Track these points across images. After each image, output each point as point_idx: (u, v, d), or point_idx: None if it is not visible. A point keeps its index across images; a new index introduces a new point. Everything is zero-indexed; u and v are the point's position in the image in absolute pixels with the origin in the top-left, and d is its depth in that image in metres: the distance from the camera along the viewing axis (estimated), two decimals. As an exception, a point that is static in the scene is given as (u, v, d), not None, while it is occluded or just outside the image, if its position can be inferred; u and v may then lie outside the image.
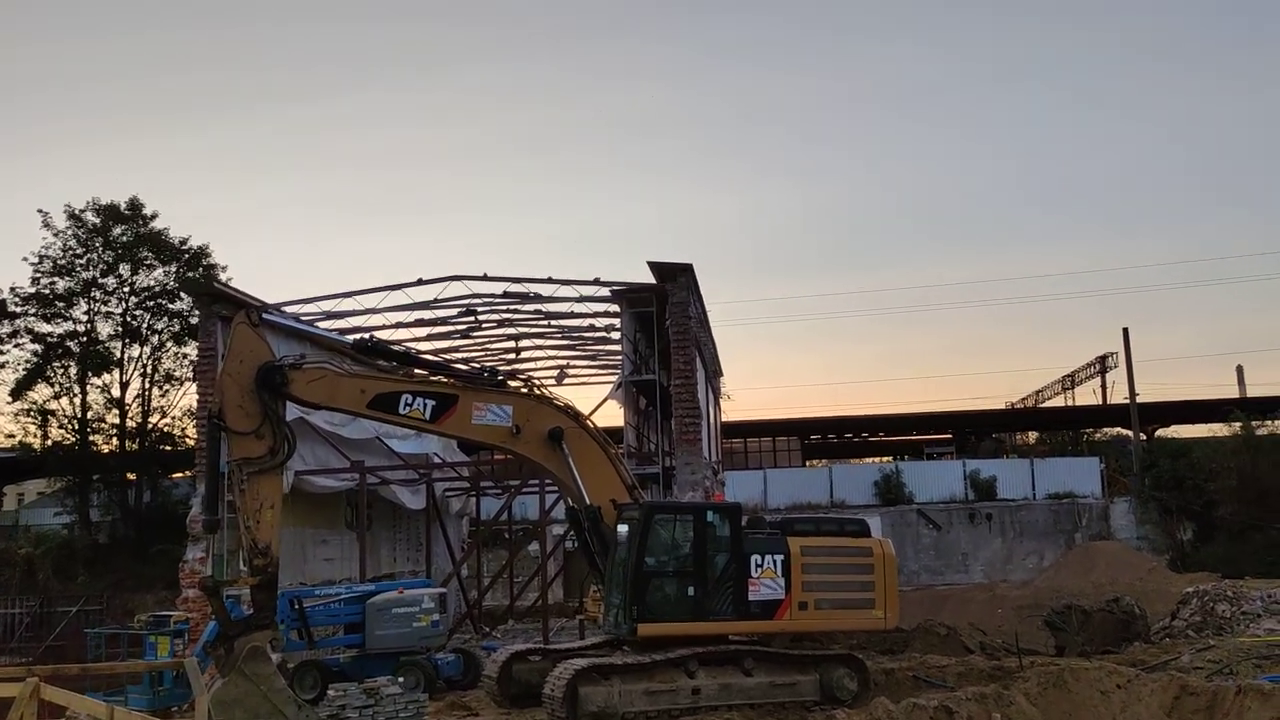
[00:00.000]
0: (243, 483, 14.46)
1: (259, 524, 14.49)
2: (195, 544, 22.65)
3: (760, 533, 16.22)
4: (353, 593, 19.55)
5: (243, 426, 14.59)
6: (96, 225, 42.06)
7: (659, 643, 15.21)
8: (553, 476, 16.70)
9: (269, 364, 14.90)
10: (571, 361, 33.59)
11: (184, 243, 43.16)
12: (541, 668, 16.60)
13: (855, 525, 16.80)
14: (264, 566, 14.49)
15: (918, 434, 55.83)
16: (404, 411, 15.64)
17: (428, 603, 19.50)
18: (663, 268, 22.82)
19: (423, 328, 27.95)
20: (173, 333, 42.96)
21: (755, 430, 51.53)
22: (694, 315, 23.59)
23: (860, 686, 15.76)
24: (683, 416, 22.55)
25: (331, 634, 19.44)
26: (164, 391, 43.28)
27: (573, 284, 24.57)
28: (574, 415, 16.59)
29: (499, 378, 16.57)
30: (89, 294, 42.07)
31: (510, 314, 27.77)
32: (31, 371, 41.77)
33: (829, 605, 15.83)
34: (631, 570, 15.21)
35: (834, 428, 56.03)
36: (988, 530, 40.83)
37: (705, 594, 15.45)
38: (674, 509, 17.18)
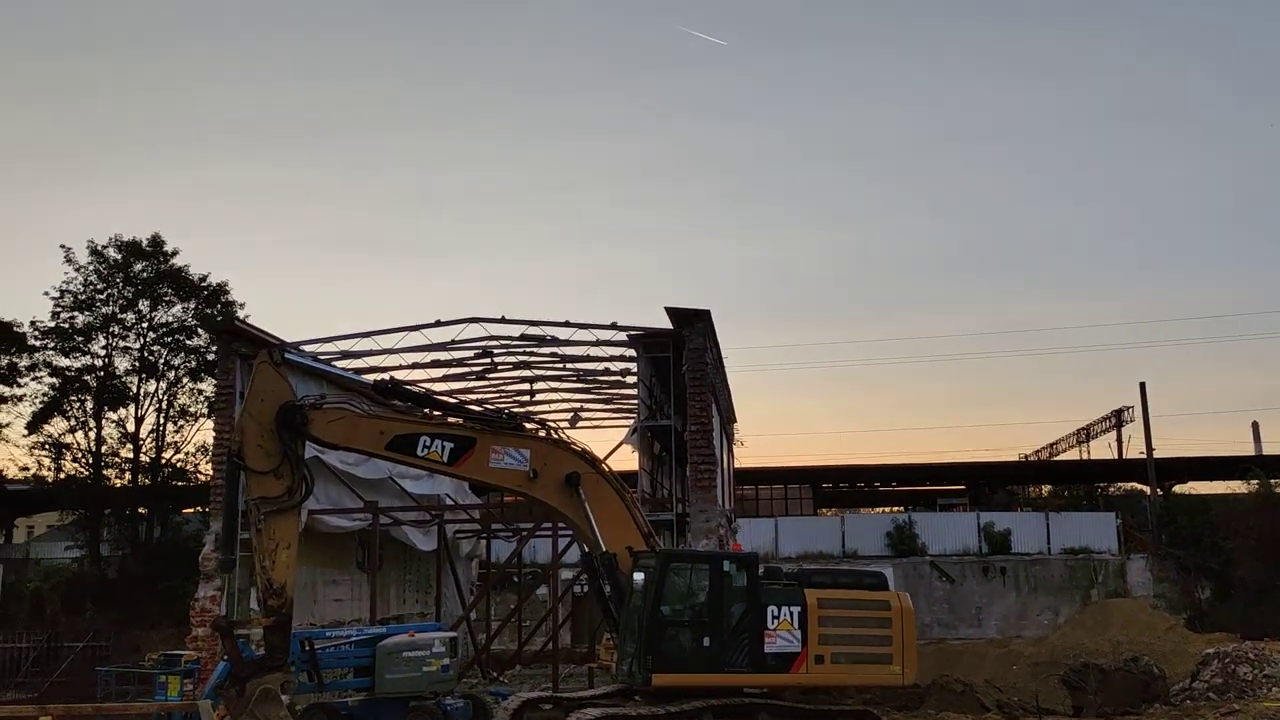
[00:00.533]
0: (260, 522, 14.49)
1: (275, 564, 14.49)
2: (207, 582, 22.54)
3: (777, 583, 16.06)
4: (363, 635, 19.36)
5: (262, 465, 14.64)
6: (118, 261, 42.43)
7: (673, 693, 15.03)
8: (568, 522, 16.62)
9: (290, 403, 14.97)
10: (585, 405, 33.55)
11: (203, 280, 43.48)
12: (553, 716, 16.43)
13: (873, 578, 16.62)
14: (278, 607, 14.47)
15: (930, 484, 55.48)
16: (422, 453, 15.66)
17: (438, 647, 19.26)
18: (680, 313, 22.85)
19: (439, 369, 28.00)
20: (189, 369, 43.16)
21: (767, 478, 51.29)
22: (710, 361, 23.58)
23: (875, 742, 15.53)
24: (698, 463, 22.46)
25: (341, 676, 19.27)
26: (178, 427, 43.39)
27: (590, 328, 24.61)
28: (591, 460, 16.56)
29: (516, 421, 16.55)
30: (108, 329, 42.35)
31: (526, 356, 27.80)
32: (48, 404, 41.95)
33: (846, 659, 15.61)
34: (647, 619, 15.07)
35: (846, 476, 55.72)
36: (1002, 584, 40.38)
37: (721, 645, 15.27)
38: (690, 557, 17.06)
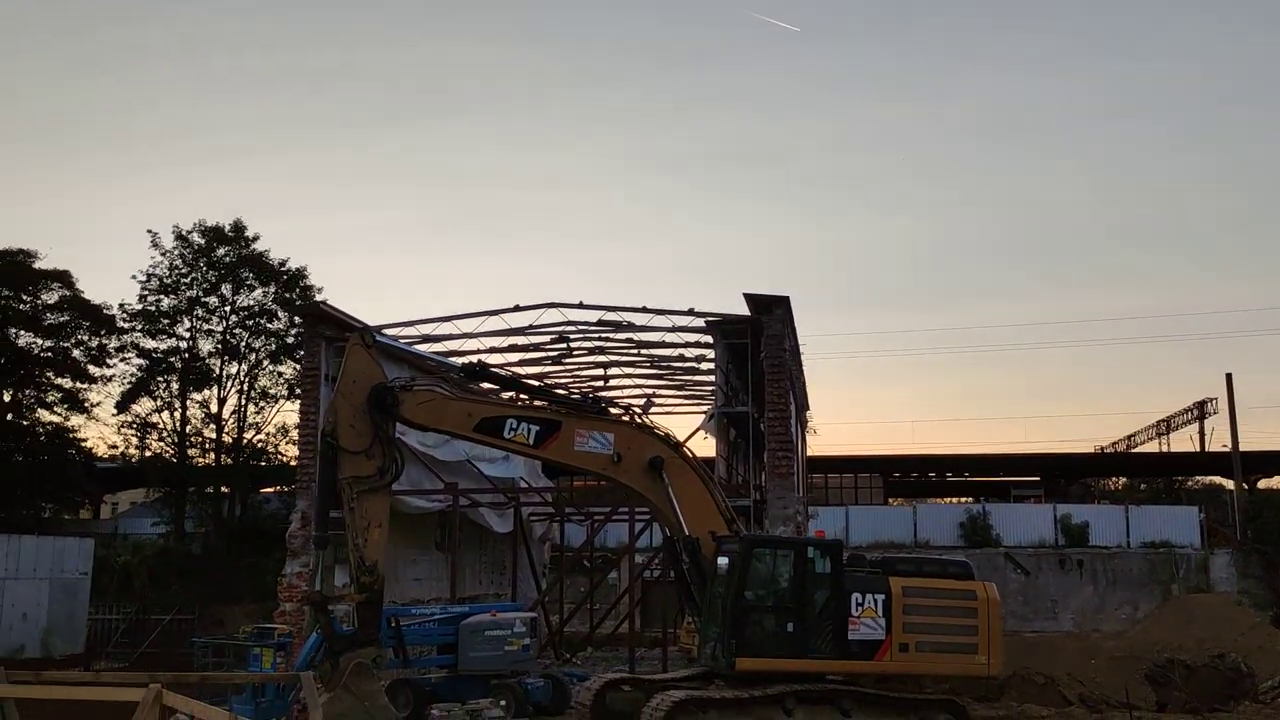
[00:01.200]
0: (352, 501, 14.77)
1: (367, 542, 14.78)
2: (294, 559, 23.12)
3: (861, 570, 16.01)
4: (447, 614, 19.76)
5: (354, 445, 14.92)
6: (201, 246, 43.51)
7: (756, 677, 15.08)
8: (651, 505, 16.72)
9: (381, 385, 15.24)
10: (658, 391, 33.66)
11: (283, 264, 44.43)
12: (634, 697, 16.54)
13: (959, 568, 16.47)
14: (370, 584, 14.76)
15: (1004, 475, 54.67)
16: (509, 436, 15.85)
17: (519, 627, 19.63)
18: (759, 299, 22.81)
19: (516, 353, 28.29)
20: (269, 351, 44.20)
21: (837, 466, 50.98)
22: (788, 348, 23.51)
23: (960, 733, 15.43)
24: (775, 450, 22.44)
25: (425, 653, 19.69)
26: (259, 408, 44.49)
27: (667, 314, 24.69)
28: (674, 445, 16.64)
29: (601, 405, 16.69)
30: (192, 312, 43.51)
31: (602, 341, 27.97)
32: (136, 385, 43.24)
33: (930, 648, 15.53)
34: (731, 603, 15.13)
35: (918, 466, 55.16)
36: (1078, 577, 39.72)
37: (804, 630, 15.29)
38: (774, 543, 17.06)
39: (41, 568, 35.22)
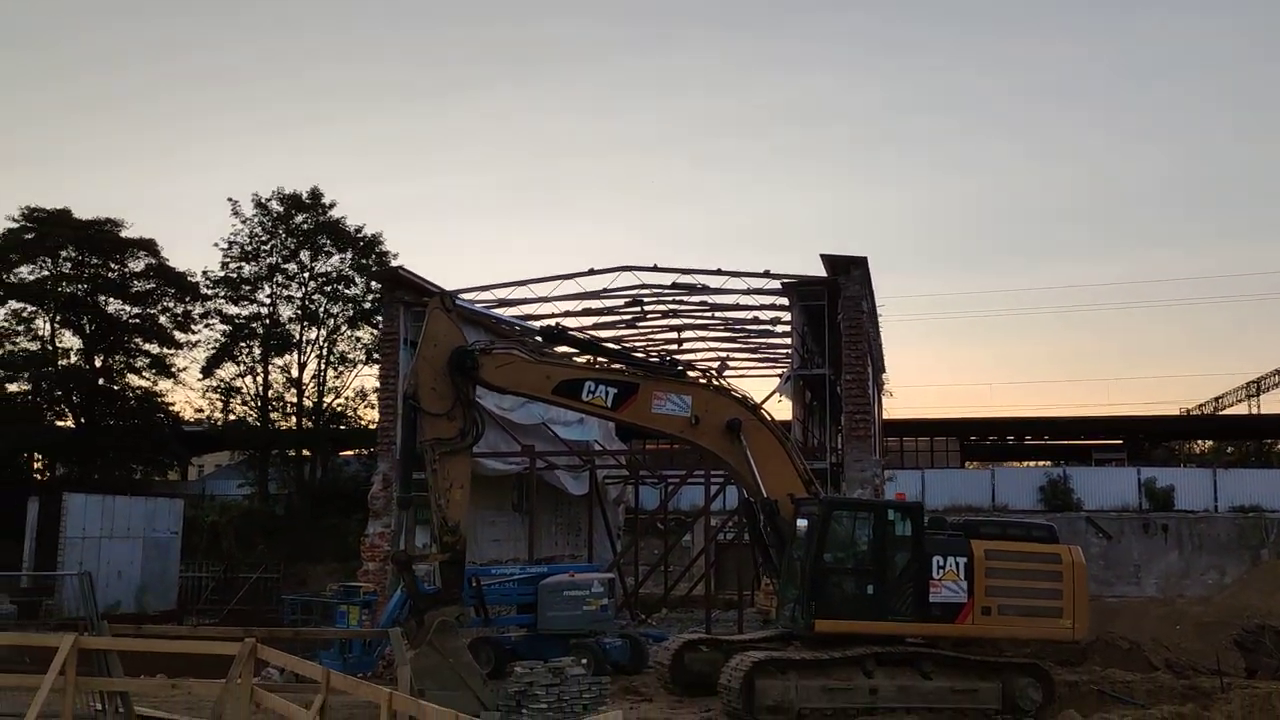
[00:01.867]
0: (434, 462, 15.00)
1: (449, 503, 15.03)
2: (376, 520, 23.59)
3: (942, 533, 15.86)
4: (526, 574, 20.03)
5: (436, 408, 15.14)
6: (280, 214, 44.30)
7: (835, 639, 15.06)
8: (728, 468, 16.73)
9: (461, 348, 15.41)
10: (732, 354, 33.52)
11: (359, 231, 45.06)
12: (712, 658, 16.70)
13: (1042, 531, 16.25)
14: (453, 544, 15.02)
15: (1085, 438, 53.48)
16: (586, 398, 15.94)
17: (597, 587, 19.82)
18: (836, 260, 22.52)
19: (590, 316, 28.36)
20: (347, 317, 44.99)
21: (913, 429, 50.35)
22: (866, 310, 23.20)
23: (1045, 698, 15.27)
24: (853, 413, 22.23)
25: (505, 612, 20.00)
26: (338, 373, 45.36)
27: (742, 276, 24.52)
28: (752, 408, 16.59)
29: (679, 368, 16.67)
30: (272, 278, 44.41)
31: (676, 305, 27.90)
32: (220, 350, 44.36)
33: (1014, 611, 15.37)
34: (810, 565, 15.10)
35: (995, 429, 54.22)
36: (1163, 542, 38.79)
37: (884, 593, 15.24)
38: (854, 506, 16.97)
39: (135, 527, 36.51)
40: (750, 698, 14.29)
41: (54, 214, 43.25)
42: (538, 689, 13.12)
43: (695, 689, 16.53)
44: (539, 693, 13.08)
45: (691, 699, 16.24)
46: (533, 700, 13.06)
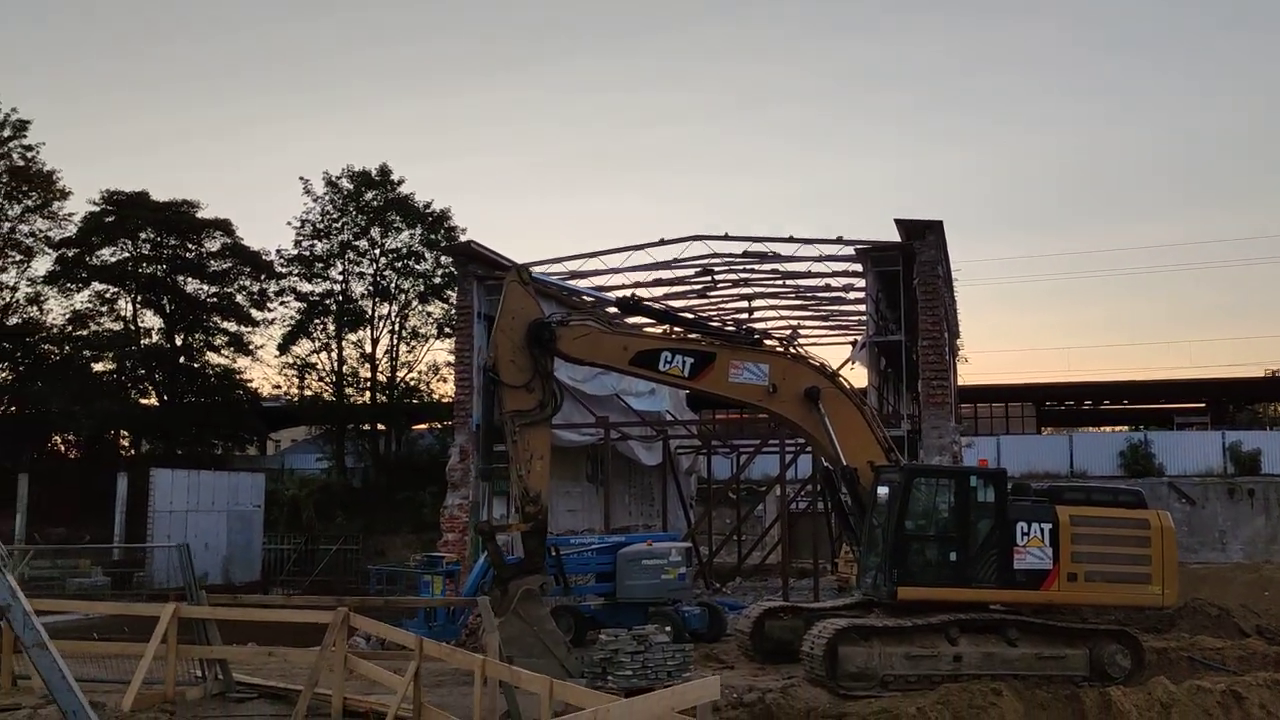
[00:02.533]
0: (514, 434, 15.15)
1: (530, 473, 15.18)
2: (454, 491, 23.96)
3: (1026, 500, 15.64)
4: (605, 543, 20.18)
5: (515, 380, 15.27)
6: (350, 191, 44.89)
7: (917, 607, 14.97)
8: (807, 436, 16.64)
9: (538, 320, 15.51)
10: (803, 322, 33.30)
11: (427, 206, 45.50)
12: (793, 625, 16.71)
13: (1130, 496, 15.93)
14: (535, 514, 15.19)
15: (1166, 402, 52.25)
16: (664, 368, 15.94)
17: (675, 556, 19.89)
18: (910, 225, 22.19)
19: (660, 287, 28.35)
20: (418, 292, 45.54)
21: (987, 395, 49.63)
22: (941, 274, 22.87)
23: (1134, 665, 15.03)
24: (930, 379, 21.98)
25: (584, 582, 20.18)
26: (410, 348, 46.02)
27: (815, 243, 24.31)
28: (830, 375, 16.46)
29: (755, 336, 16.60)
30: (344, 255, 45.08)
31: (747, 273, 27.76)
32: (295, 327, 45.23)
33: (1101, 578, 15.11)
34: (892, 533, 15.00)
35: (1072, 394, 53.22)
36: (1249, 507, 37.82)
37: (967, 560, 15.06)
38: (935, 473, 16.78)
39: (220, 501, 37.57)
40: (834, 665, 14.27)
41: (133, 197, 44.39)
42: (622, 656, 13.24)
43: (776, 656, 16.57)
44: (624, 659, 13.21)
45: (773, 666, 16.27)
46: (618, 667, 13.19)
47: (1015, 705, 13.96)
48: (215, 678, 13.24)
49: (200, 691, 12.96)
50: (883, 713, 13.48)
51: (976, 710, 13.69)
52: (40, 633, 6.98)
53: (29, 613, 6.90)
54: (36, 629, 6.94)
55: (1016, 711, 13.89)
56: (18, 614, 6.85)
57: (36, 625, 6.95)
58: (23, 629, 6.86)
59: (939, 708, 13.58)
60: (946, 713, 13.53)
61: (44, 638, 7.03)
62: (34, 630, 6.93)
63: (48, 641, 7.09)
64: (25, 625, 6.86)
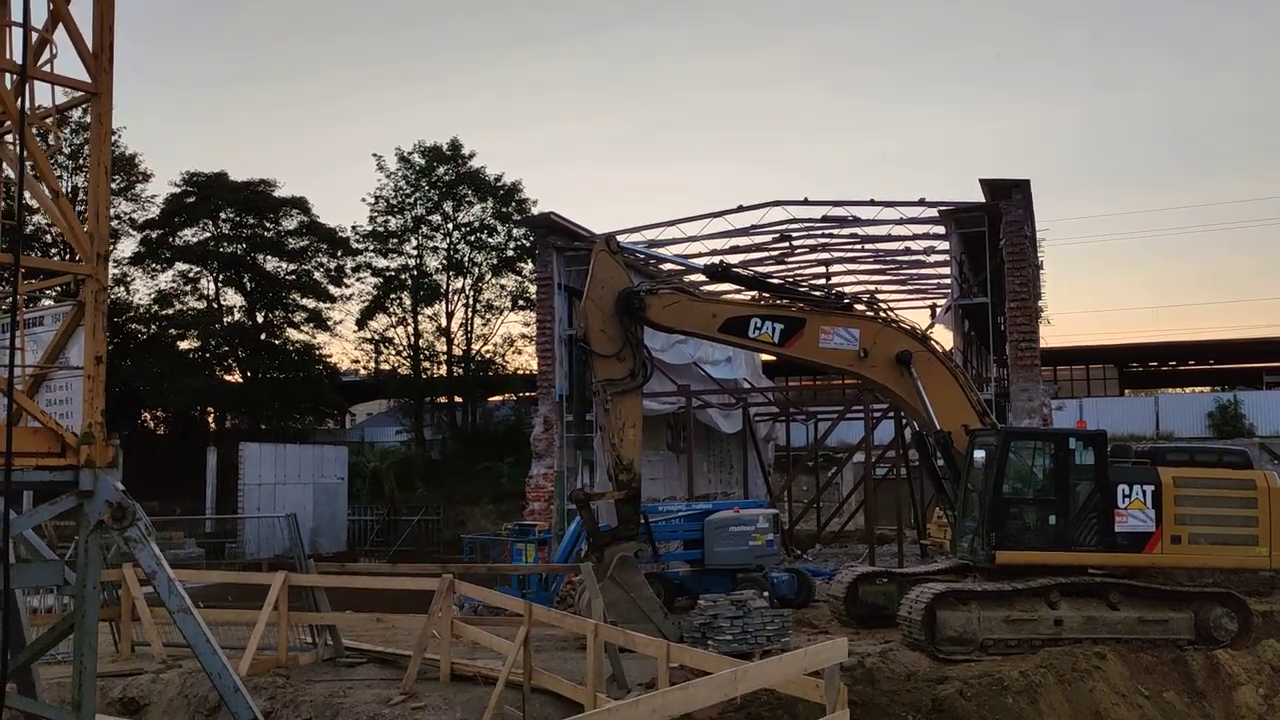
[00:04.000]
0: (607, 403, 15.27)
1: (623, 441, 15.30)
2: (539, 460, 24.20)
3: (1126, 461, 15.36)
4: (692, 510, 20.26)
5: (606, 349, 15.37)
6: (422, 166, 45.27)
7: (1016, 570, 14.83)
8: (899, 400, 16.51)
9: (628, 289, 15.56)
10: (880, 286, 32.92)
11: (498, 179, 45.70)
12: (887, 590, 16.70)
13: (1235, 456, 15.58)
14: (628, 481, 15.32)
15: (1254, 362, 50.73)
16: (753, 335, 15.92)
17: (762, 523, 19.88)
18: (996, 185, 21.75)
19: (738, 254, 28.20)
20: (491, 265, 45.88)
21: (1068, 358, 48.66)
22: (1029, 235, 22.42)
23: (1240, 628, 14.75)
24: (1018, 341, 21.60)
25: (671, 549, 20.31)
26: (485, 320, 46.42)
27: (896, 205, 23.98)
28: (922, 339, 16.30)
29: (845, 301, 16.48)
30: (418, 230, 45.54)
31: (826, 238, 27.50)
32: (372, 303, 45.89)
33: (1205, 540, 14.84)
34: (990, 496, 14.85)
35: (1156, 355, 51.90)
36: (1345, 468, 36.76)
37: (1067, 523, 14.88)
38: (1033, 435, 16.60)
39: (305, 474, 38.42)
40: (932, 629, 14.22)
41: (212, 178, 45.26)
42: (722, 621, 13.34)
43: (869, 621, 16.58)
44: (723, 625, 13.31)
45: (867, 631, 16.27)
46: (718, 632, 13.29)
47: (1120, 669, 13.82)
48: (325, 643, 13.61)
49: (312, 657, 13.33)
50: (984, 676, 13.40)
51: (1080, 674, 13.57)
52: (184, 598, 7.25)
53: (173, 579, 7.16)
54: (181, 595, 7.20)
55: (1121, 675, 13.74)
56: (163, 581, 7.12)
57: (181, 591, 7.21)
58: (168, 595, 7.13)
59: (1042, 671, 13.49)
60: (1050, 676, 13.44)
61: (188, 603, 7.30)
62: (179, 596, 7.19)
63: (191, 607, 7.36)
64: (170, 591, 7.12)
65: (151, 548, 7.09)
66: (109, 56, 7.42)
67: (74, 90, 7.40)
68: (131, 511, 7.03)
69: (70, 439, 6.95)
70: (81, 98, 7.43)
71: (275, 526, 35.96)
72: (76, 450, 6.94)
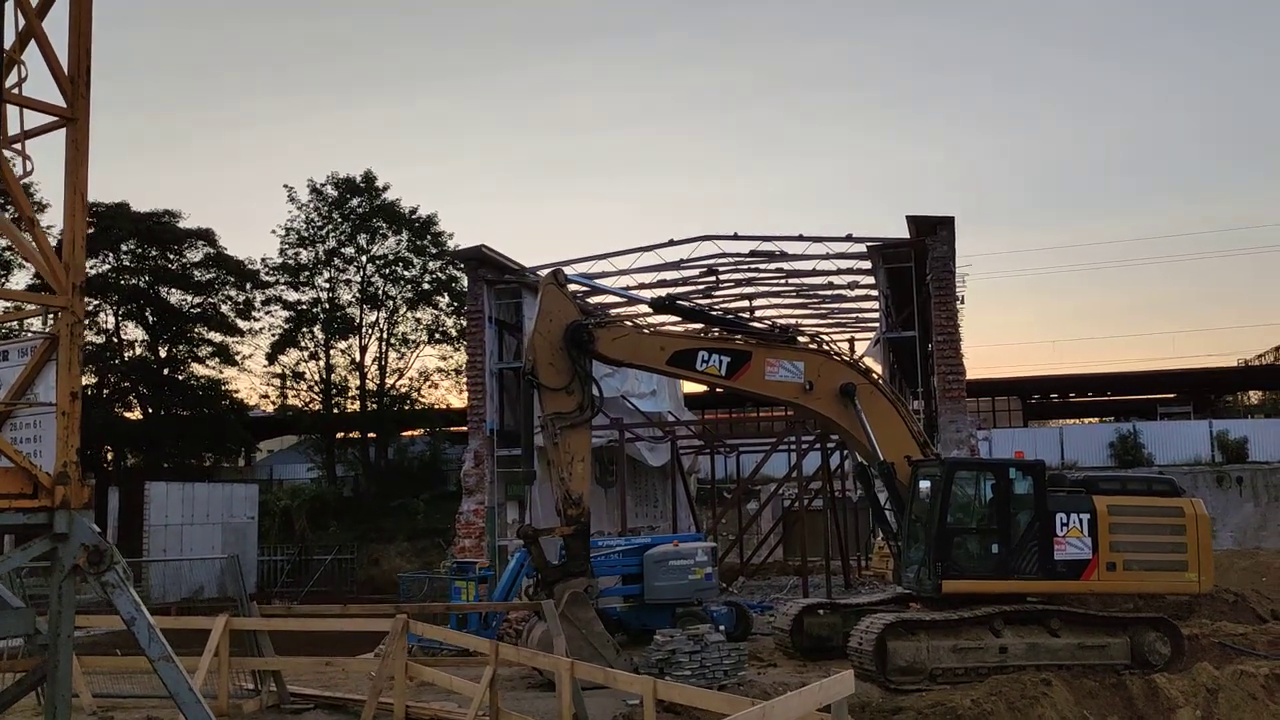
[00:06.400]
0: (555, 436, 15.12)
1: (572, 476, 15.17)
2: (469, 496, 23.81)
3: (1063, 490, 15.79)
4: (630, 545, 20.13)
5: (554, 383, 15.26)
6: (335, 198, 44.53)
7: (961, 599, 15.07)
8: (843, 432, 16.72)
9: (576, 323, 15.49)
10: (802, 320, 33.43)
11: (413, 212, 45.20)
12: (831, 622, 16.81)
13: (1163, 484, 16.15)
14: (577, 516, 15.18)
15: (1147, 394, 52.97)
16: (700, 368, 15.98)
17: (701, 556, 19.84)
18: (921, 221, 22.37)
19: (664, 288, 28.36)
20: (406, 298, 45.22)
21: (974, 390, 49.99)
22: (953, 270, 23.07)
23: (1173, 651, 15.22)
24: (946, 374, 22.15)
25: (609, 584, 20.10)
26: (400, 354, 45.66)
27: (823, 240, 24.42)
28: (864, 372, 16.57)
29: (790, 334, 16.67)
30: (331, 263, 44.69)
31: (752, 272, 27.84)
32: (283, 337, 44.76)
33: (1139, 566, 15.31)
34: (935, 527, 15.09)
35: (1057, 387, 53.76)
36: (1238, 494, 38.42)
37: (1009, 552, 15.19)
38: (975, 465, 16.96)
39: (214, 513, 37.14)
40: (883, 659, 14.34)
41: (113, 208, 43.70)
42: (680, 655, 13.26)
43: (813, 653, 16.65)
44: (682, 659, 13.22)
45: (813, 663, 16.33)
46: (676, 667, 13.19)
47: (1065, 695, 14.08)
48: (269, 689, 13.09)
49: (256, 704, 12.81)
50: (937, 705, 13.52)
51: (1029, 700, 13.79)
52: (165, 646, 6.87)
53: (153, 626, 6.79)
54: (162, 642, 6.83)
55: (1067, 701, 14.00)
56: (142, 628, 6.74)
57: (161, 639, 6.84)
58: (149, 642, 6.75)
59: (992, 699, 13.65)
60: (1000, 703, 13.62)
61: (169, 651, 6.92)
62: (160, 644, 6.81)
63: (172, 655, 6.98)
64: (151, 639, 6.75)
65: (130, 593, 6.73)
66: (86, 80, 7.11)
67: (47, 115, 7.06)
68: (109, 555, 6.66)
69: (45, 479, 6.57)
70: (55, 123, 7.10)
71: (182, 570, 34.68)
72: (51, 491, 6.56)
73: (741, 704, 7.30)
